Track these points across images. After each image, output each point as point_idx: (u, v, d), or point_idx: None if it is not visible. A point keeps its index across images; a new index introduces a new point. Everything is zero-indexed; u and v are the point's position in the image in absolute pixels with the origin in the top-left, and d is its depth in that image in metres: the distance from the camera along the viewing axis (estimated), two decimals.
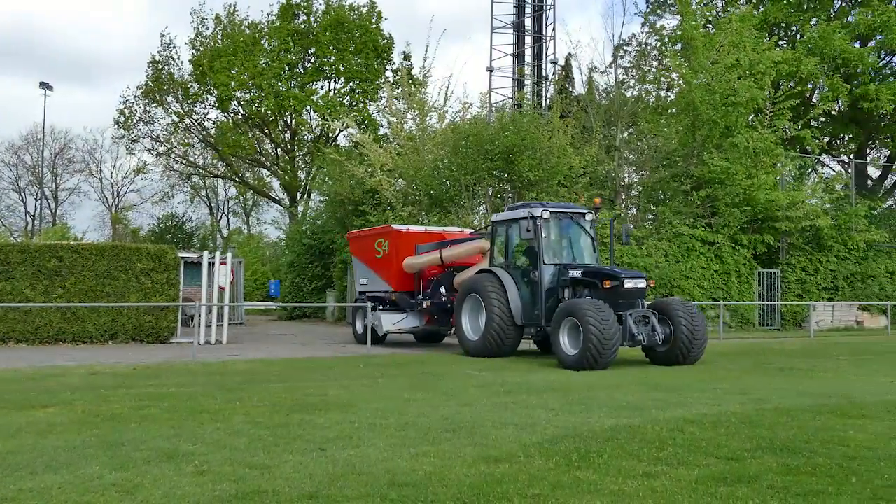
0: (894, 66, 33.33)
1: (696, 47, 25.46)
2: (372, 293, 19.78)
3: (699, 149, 24.79)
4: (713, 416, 8.37)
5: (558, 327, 13.82)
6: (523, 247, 15.89)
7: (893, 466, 6.13)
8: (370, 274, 19.98)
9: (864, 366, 14.40)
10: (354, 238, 21.35)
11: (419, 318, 19.02)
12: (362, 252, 20.39)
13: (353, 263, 21.33)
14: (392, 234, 19.12)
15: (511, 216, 16.02)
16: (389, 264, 19.12)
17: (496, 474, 5.83)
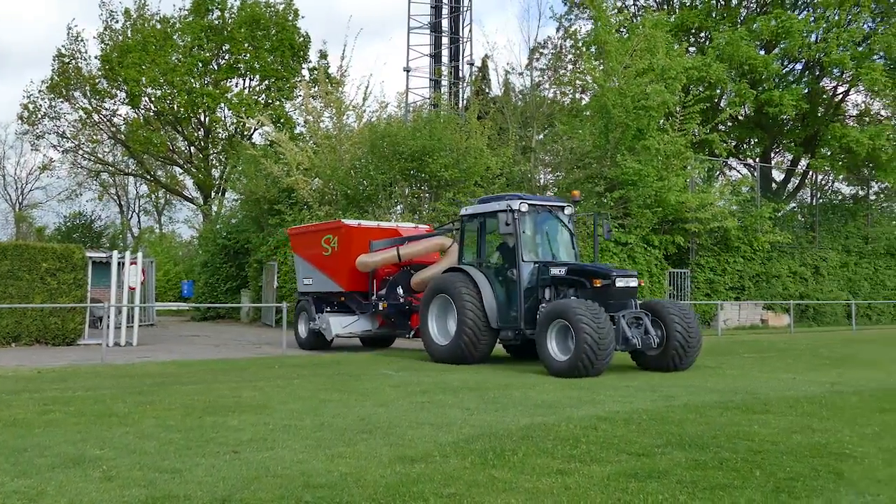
0: (797, 72, 34.62)
1: (609, 51, 25.93)
2: (317, 294, 18.43)
3: (612, 151, 25.26)
4: (625, 413, 8.54)
5: (545, 330, 12.59)
6: (497, 243, 14.85)
7: (795, 459, 6.36)
8: (315, 273, 18.51)
9: (768, 363, 14.89)
10: (297, 234, 19.95)
11: (372, 321, 17.68)
12: (306, 249, 18.92)
13: (295, 261, 19.84)
14: (343, 230, 17.74)
15: (485, 209, 14.75)
16: (339, 262, 17.67)
17: (412, 474, 5.83)
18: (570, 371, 12.04)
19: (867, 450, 6.74)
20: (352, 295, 17.75)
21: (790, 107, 30.12)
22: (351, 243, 17.47)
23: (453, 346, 14.24)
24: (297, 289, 19.53)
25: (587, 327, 11.89)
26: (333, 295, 18.19)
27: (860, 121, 35.61)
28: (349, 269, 17.43)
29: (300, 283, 19.24)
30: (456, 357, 14.17)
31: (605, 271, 13.44)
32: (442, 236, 17.23)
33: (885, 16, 32.35)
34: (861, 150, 30.28)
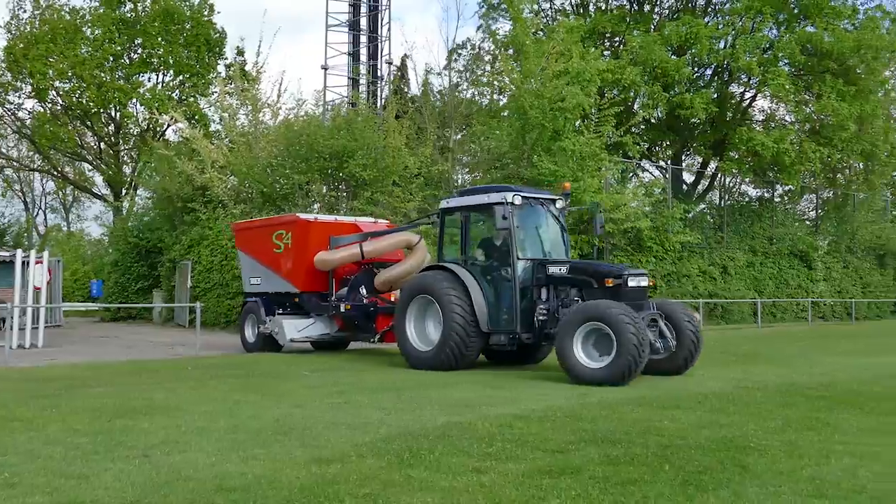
0: (707, 77, 35.64)
1: (526, 53, 26.22)
2: (267, 294, 17.11)
3: (529, 152, 25.54)
4: (540, 411, 8.66)
5: (571, 334, 11.34)
6: (482, 239, 13.72)
7: (703, 453, 6.55)
8: (265, 271, 17.12)
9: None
10: (243, 229, 18.53)
11: (330, 324, 16.44)
12: (253, 245, 17.53)
13: (240, 259, 18.41)
14: (298, 225, 16.40)
15: (472, 202, 13.58)
16: (293, 260, 16.39)
17: (327, 475, 5.80)
18: (610, 379, 10.86)
19: (771, 443, 6.98)
20: (308, 296, 16.49)
21: (700, 110, 30.97)
22: (307, 239, 16.18)
23: (438, 352, 12.91)
24: (243, 289, 18.28)
25: (632, 334, 10.82)
26: (286, 296, 16.85)
27: (766, 125, 36.87)
28: (305, 267, 16.18)
29: (246, 283, 17.95)
30: (441, 364, 12.82)
31: (616, 270, 12.46)
32: (408, 232, 16.38)
33: (789, 24, 33.56)
34: (766, 154, 31.36)
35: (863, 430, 7.67)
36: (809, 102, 34.43)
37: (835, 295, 33.81)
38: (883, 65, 34.84)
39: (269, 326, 16.51)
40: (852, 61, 32.79)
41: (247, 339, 17.45)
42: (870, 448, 6.82)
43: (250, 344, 17.27)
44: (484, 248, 13.62)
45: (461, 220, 13.64)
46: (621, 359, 10.84)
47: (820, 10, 32.47)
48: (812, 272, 33.15)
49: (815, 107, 33.56)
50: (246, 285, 17.96)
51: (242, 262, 18.22)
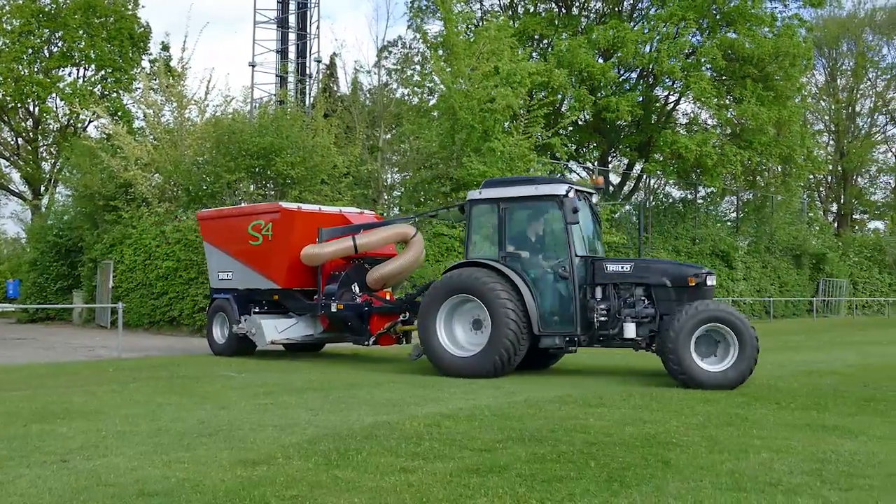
0: (632, 80, 36.28)
1: (456, 53, 26.31)
2: (240, 290, 15.70)
3: (458, 152, 25.63)
4: (468, 409, 8.70)
5: (689, 338, 10.79)
6: (525, 233, 12.62)
7: (627, 450, 6.67)
8: (238, 266, 15.63)
9: (601, 358, 15.46)
10: (211, 219, 16.89)
11: (314, 324, 15.31)
12: (224, 236, 16.04)
13: (207, 252, 16.80)
14: (281, 215, 14.86)
15: (517, 193, 12.44)
16: (274, 254, 14.95)
17: (253, 478, 5.72)
18: (731, 383, 10.68)
19: (692, 438, 7.15)
20: (290, 293, 15.11)
21: (626, 113, 31.54)
22: (291, 231, 14.73)
23: (485, 357, 11.80)
24: (210, 285, 16.80)
25: (753, 335, 10.76)
26: (264, 292, 15.43)
27: (689, 128, 37.74)
28: (288, 261, 14.74)
29: (213, 278, 16.48)
30: (487, 370, 11.76)
31: (692, 268, 12.02)
32: (403, 224, 15.49)
33: (711, 30, 34.42)
34: (689, 156, 32.11)
35: (779, 425, 7.91)
36: (731, 107, 35.36)
37: (754, 294, 34.76)
38: (800, 71, 36.02)
39: (245, 326, 15.17)
40: (771, 67, 33.84)
41: (215, 341, 16.06)
42: (785, 442, 7.03)
43: (220, 345, 15.91)
44: (529, 243, 12.55)
45: (499, 212, 12.37)
46: (743, 362, 10.74)
47: (741, 17, 33.41)
48: (732, 272, 34.02)
49: (736, 111, 34.52)
50: (213, 280, 16.51)
51: (209, 254, 16.66)
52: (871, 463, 6.28)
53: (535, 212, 12.50)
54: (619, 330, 11.78)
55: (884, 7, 56.99)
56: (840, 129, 54.56)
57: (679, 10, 32.68)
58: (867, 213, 57.95)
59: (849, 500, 5.24)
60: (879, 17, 55.88)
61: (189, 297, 21.47)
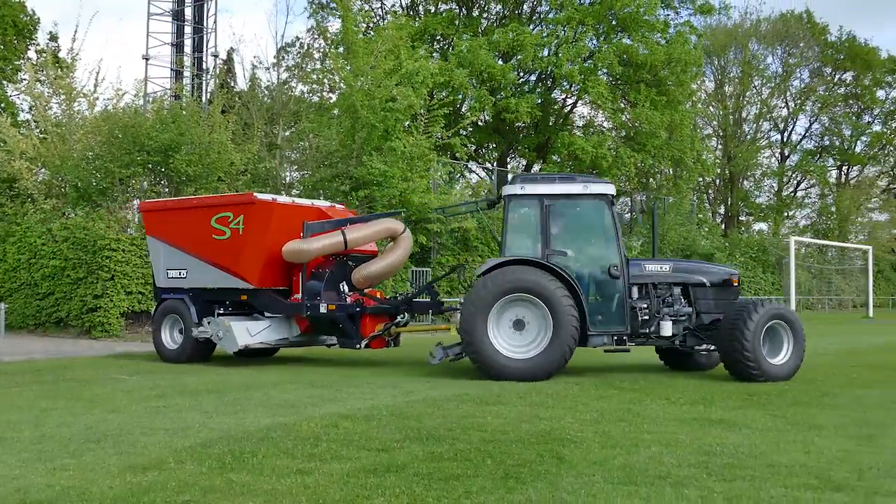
0: (531, 83, 36.85)
1: (356, 51, 26.17)
2: (197, 290, 14.38)
3: (359, 151, 25.50)
4: (366, 409, 8.67)
5: (760, 334, 11.42)
6: (568, 232, 12.38)
7: (523, 447, 6.76)
8: (194, 262, 14.30)
9: None
10: (159, 210, 15.32)
11: (289, 327, 14.22)
12: (176, 231, 14.65)
13: (152, 247, 15.21)
14: (256, 207, 13.63)
15: (563, 190, 12.28)
16: (246, 249, 13.72)
17: (143, 483, 5.56)
18: (793, 372, 11.70)
19: (586, 434, 7.30)
20: (263, 293, 13.98)
21: (525, 114, 32.04)
22: (267, 224, 13.63)
23: (546, 358, 11.52)
24: (156, 284, 15.18)
25: (803, 330, 11.90)
26: (229, 292, 14.17)
27: (586, 131, 38.59)
28: (263, 258, 13.75)
29: (160, 276, 14.97)
30: (547, 372, 11.56)
31: (728, 269, 12.92)
32: (391, 219, 14.67)
33: (608, 35, 35.29)
34: (586, 158, 32.84)
35: (668, 420, 8.17)
36: (625, 110, 36.33)
37: None
38: (690, 77, 37.35)
39: (209, 330, 13.88)
40: (664, 73, 34.96)
41: (164, 346, 14.66)
42: (674, 436, 7.26)
43: (171, 351, 14.53)
44: (573, 242, 12.41)
45: (542, 209, 12.16)
46: (798, 354, 11.79)
47: (635, 23, 34.38)
48: None
49: (631, 115, 35.49)
50: (160, 279, 14.97)
51: (154, 250, 15.12)
52: (753, 454, 6.55)
53: (582, 210, 12.46)
54: (657, 328, 12.20)
55: (768, 18, 59.58)
56: (727, 134, 56.72)
57: (577, 14, 33.38)
58: (752, 215, 60.46)
59: (732, 490, 5.44)
60: (764, 28, 58.42)
61: (77, 298, 20.67)
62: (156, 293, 15.39)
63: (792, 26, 59.58)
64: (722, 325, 11.92)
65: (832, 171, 67.33)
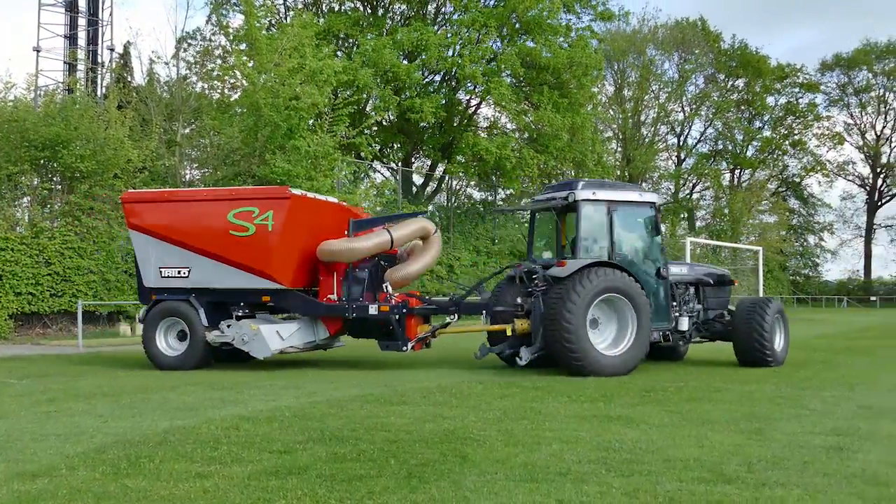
0: (436, 83, 36.97)
1: (259, 48, 25.77)
2: (204, 291, 13.46)
3: (262, 149, 25.13)
4: (268, 411, 8.54)
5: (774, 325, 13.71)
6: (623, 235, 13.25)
7: (426, 446, 6.78)
8: (202, 261, 13.33)
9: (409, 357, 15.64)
10: (147, 202, 14.04)
11: (316, 328, 13.75)
12: (174, 224, 13.51)
13: (138, 242, 13.85)
14: (292, 203, 12.99)
15: (626, 197, 13.32)
16: (277, 247, 12.99)
17: (32, 491, 5.34)
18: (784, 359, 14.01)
19: (489, 433, 7.37)
20: (294, 294, 13.42)
21: (430, 115, 32.10)
22: (302, 221, 13.18)
23: (633, 354, 12.38)
24: (145, 283, 13.89)
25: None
26: (249, 293, 13.43)
27: (490, 132, 38.97)
28: (297, 257, 13.30)
29: (150, 275, 13.73)
30: (630, 366, 12.38)
31: (724, 271, 14.88)
32: (423, 219, 14.54)
33: (511, 38, 35.71)
34: (490, 159, 33.19)
35: (569, 417, 8.31)
36: (528, 112, 36.83)
37: None
38: (591, 81, 38.11)
39: (230, 334, 13.18)
40: (566, 76, 35.58)
41: (160, 352, 13.53)
42: (575, 433, 7.40)
43: (171, 358, 13.44)
44: (629, 245, 13.38)
45: (608, 213, 13.05)
46: (787, 343, 14.14)
47: (538, 27, 34.87)
48: None
49: (534, 116, 36.00)
50: (150, 278, 13.74)
51: (142, 245, 13.79)
52: (650, 449, 6.72)
53: (636, 216, 13.41)
54: (676, 323, 13.64)
55: (665, 24, 61.38)
56: (627, 136, 58.19)
57: (481, 16, 33.66)
58: None
59: (630, 485, 5.58)
60: (661, 34, 60.17)
61: None
62: (143, 294, 14.07)
63: (687, 33, 61.58)
64: (738, 319, 13.70)
65: (725, 175, 69.95)
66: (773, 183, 72.74)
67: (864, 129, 77.88)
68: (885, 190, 79.21)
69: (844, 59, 75.71)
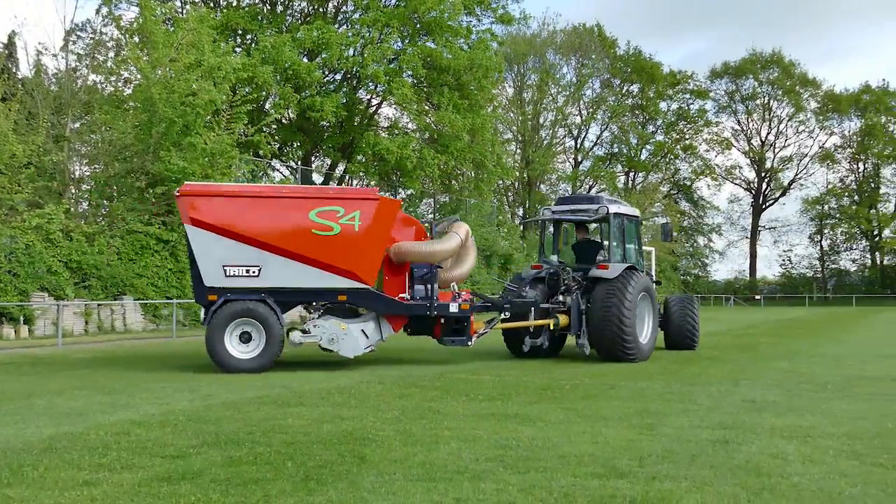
0: (337, 82, 36.75)
1: (154, 42, 25.09)
2: (277, 290, 13.05)
3: (156, 146, 24.47)
4: (161, 415, 8.31)
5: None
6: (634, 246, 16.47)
7: (324, 448, 6.72)
8: (275, 259, 12.89)
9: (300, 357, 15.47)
10: (213, 196, 13.28)
11: (384, 327, 13.73)
12: (245, 221, 12.89)
13: (198, 239, 12.95)
14: (381, 204, 13.31)
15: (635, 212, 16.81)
16: (364, 247, 13.11)
17: None
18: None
19: (387, 433, 7.36)
20: (374, 293, 13.49)
21: (330, 114, 31.90)
22: (388, 222, 13.49)
23: (652, 343, 15.42)
24: (206, 282, 13.03)
25: None
26: (325, 293, 13.37)
27: (391, 132, 38.94)
28: (381, 257, 13.52)
29: (213, 274, 12.94)
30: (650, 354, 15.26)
31: None
32: (463, 223, 15.09)
33: (412, 38, 35.78)
34: (391, 159, 33.17)
35: (468, 416, 8.38)
36: (429, 113, 36.98)
37: None
38: (491, 83, 38.56)
39: (317, 334, 13.18)
40: (466, 77, 35.88)
41: (231, 356, 12.82)
42: (473, 431, 7.46)
43: (244, 360, 12.80)
44: (634, 252, 16.32)
45: (622, 226, 15.89)
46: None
47: (439, 28, 35.07)
48: None
49: (435, 117, 36.17)
50: (212, 277, 12.97)
51: (203, 242, 12.97)
52: (546, 446, 6.84)
53: (633, 227, 16.43)
54: None
55: (564, 29, 62.60)
56: (526, 139, 59.12)
57: (382, 16, 33.62)
58: None
59: (527, 482, 5.66)
60: (560, 39, 61.32)
61: None
62: (200, 294, 13.28)
63: (585, 39, 62.95)
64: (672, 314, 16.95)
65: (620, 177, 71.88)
66: (665, 186, 75.17)
67: (751, 135, 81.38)
68: (768, 193, 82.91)
69: (732, 68, 78.91)
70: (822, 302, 73.81)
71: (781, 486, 5.58)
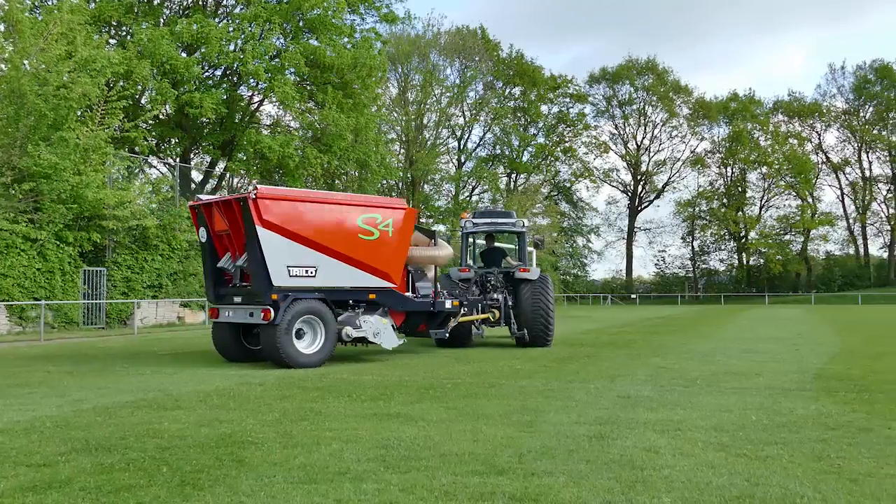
0: (217, 78, 35.92)
1: (21, 31, 23.94)
2: (327, 290, 13.93)
3: (24, 140, 23.35)
4: (26, 422, 7.94)
5: None
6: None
7: (201, 452, 6.57)
8: (328, 261, 13.84)
9: (182, 360, 15.10)
10: (285, 200, 13.77)
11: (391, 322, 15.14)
12: (309, 225, 13.69)
13: (267, 240, 13.21)
14: (408, 213, 15.22)
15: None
16: (394, 252, 14.82)
17: None
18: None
19: (267, 435, 7.26)
20: (396, 292, 15.11)
21: (210, 110, 31.15)
22: (410, 228, 15.34)
23: None
24: (272, 282, 13.26)
25: None
26: (360, 291, 14.51)
27: (273, 130, 38.36)
28: (403, 260, 15.28)
29: (280, 274, 13.34)
30: None
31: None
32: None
33: (295, 35, 35.35)
34: (273, 157, 32.67)
35: (350, 416, 8.35)
36: (313, 111, 36.61)
37: None
38: (375, 83, 38.51)
39: (366, 329, 14.32)
40: (350, 76, 35.72)
41: (300, 352, 13.46)
42: (355, 432, 7.44)
43: (310, 356, 13.55)
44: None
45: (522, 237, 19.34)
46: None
47: (323, 25, 34.78)
48: None
49: (318, 116, 35.83)
50: (280, 277, 13.36)
51: (273, 243, 13.31)
52: (427, 445, 6.89)
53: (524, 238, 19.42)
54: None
55: (448, 31, 63.11)
56: (410, 139, 59.28)
57: (264, 12, 33.07)
58: (432, 217, 63.68)
59: (408, 482, 5.68)
60: (444, 40, 61.78)
61: None
62: (266, 293, 13.37)
63: (468, 41, 63.63)
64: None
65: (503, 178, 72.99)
66: (546, 187, 76.81)
67: (627, 139, 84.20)
68: (644, 196, 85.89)
69: (610, 73, 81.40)
70: (693, 300, 77.06)
71: (653, 478, 5.79)
